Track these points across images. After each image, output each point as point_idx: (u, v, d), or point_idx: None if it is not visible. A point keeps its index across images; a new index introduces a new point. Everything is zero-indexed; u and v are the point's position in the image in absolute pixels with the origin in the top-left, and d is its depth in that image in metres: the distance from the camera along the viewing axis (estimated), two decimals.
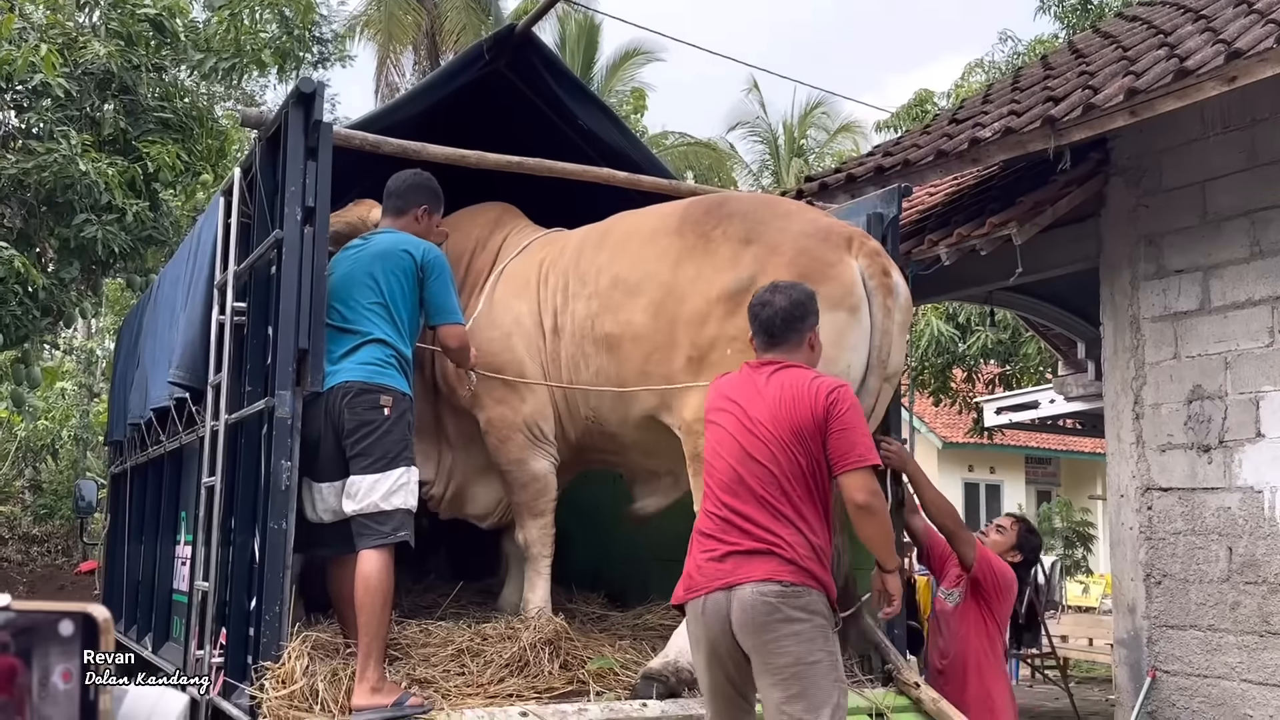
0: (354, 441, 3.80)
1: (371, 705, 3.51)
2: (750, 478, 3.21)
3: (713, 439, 3.36)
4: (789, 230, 4.14)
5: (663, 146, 24.39)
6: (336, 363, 3.87)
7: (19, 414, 17.38)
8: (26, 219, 7.32)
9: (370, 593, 3.66)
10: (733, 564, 3.15)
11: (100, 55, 7.29)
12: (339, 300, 3.97)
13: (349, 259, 4.07)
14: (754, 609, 3.09)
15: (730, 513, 3.21)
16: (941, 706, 4.22)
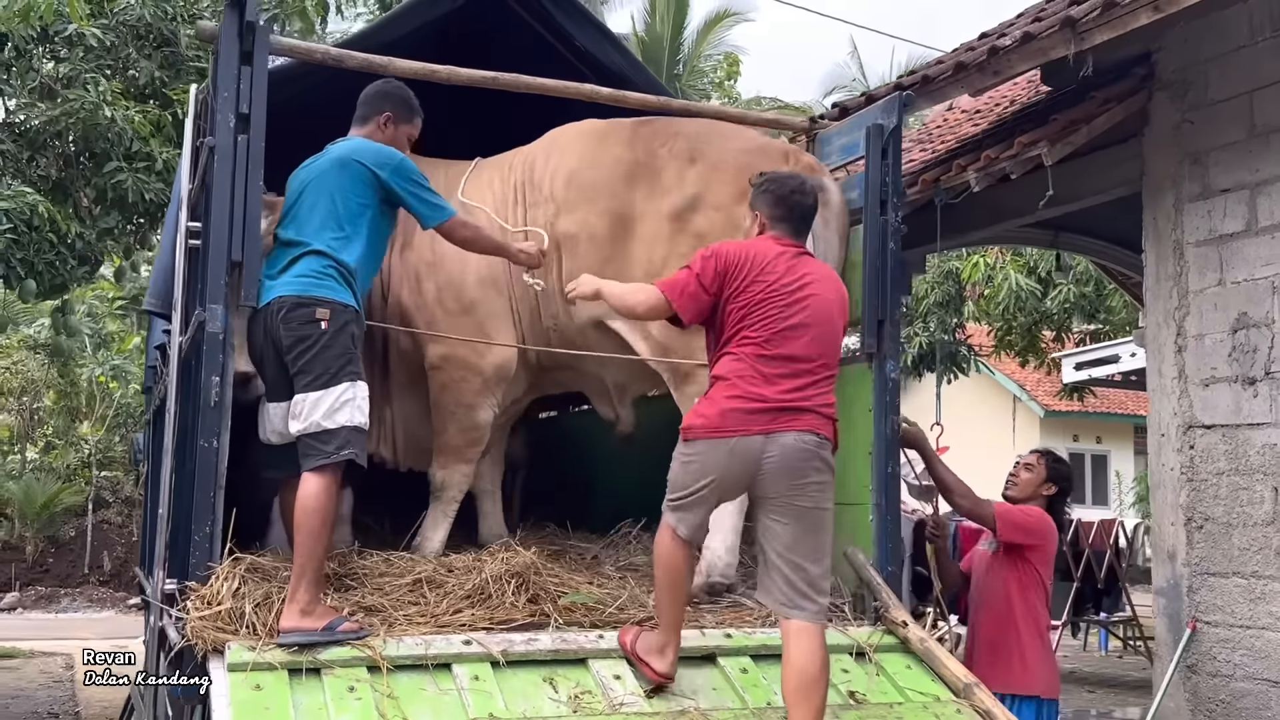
0: (294, 359, 3.63)
1: (299, 628, 3.38)
2: (793, 341, 3.46)
3: (755, 305, 3.49)
4: (729, 148, 4.41)
5: (756, 111, 24.00)
6: (275, 278, 3.71)
7: (116, 380, 18.02)
8: (63, 168, 7.42)
9: (308, 514, 3.50)
10: (774, 414, 3.40)
11: (134, 5, 7.33)
12: (288, 215, 3.83)
13: (301, 173, 3.92)
14: (793, 455, 3.40)
15: (771, 368, 3.44)
16: (929, 647, 3.97)
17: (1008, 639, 4.47)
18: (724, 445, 3.41)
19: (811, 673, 3.34)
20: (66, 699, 9.81)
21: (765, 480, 3.41)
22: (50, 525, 17.78)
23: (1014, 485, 4.65)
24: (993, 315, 12.82)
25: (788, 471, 3.41)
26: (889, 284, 4.34)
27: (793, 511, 3.43)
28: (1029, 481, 4.62)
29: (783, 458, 3.40)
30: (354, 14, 9.32)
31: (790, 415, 3.43)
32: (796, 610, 3.41)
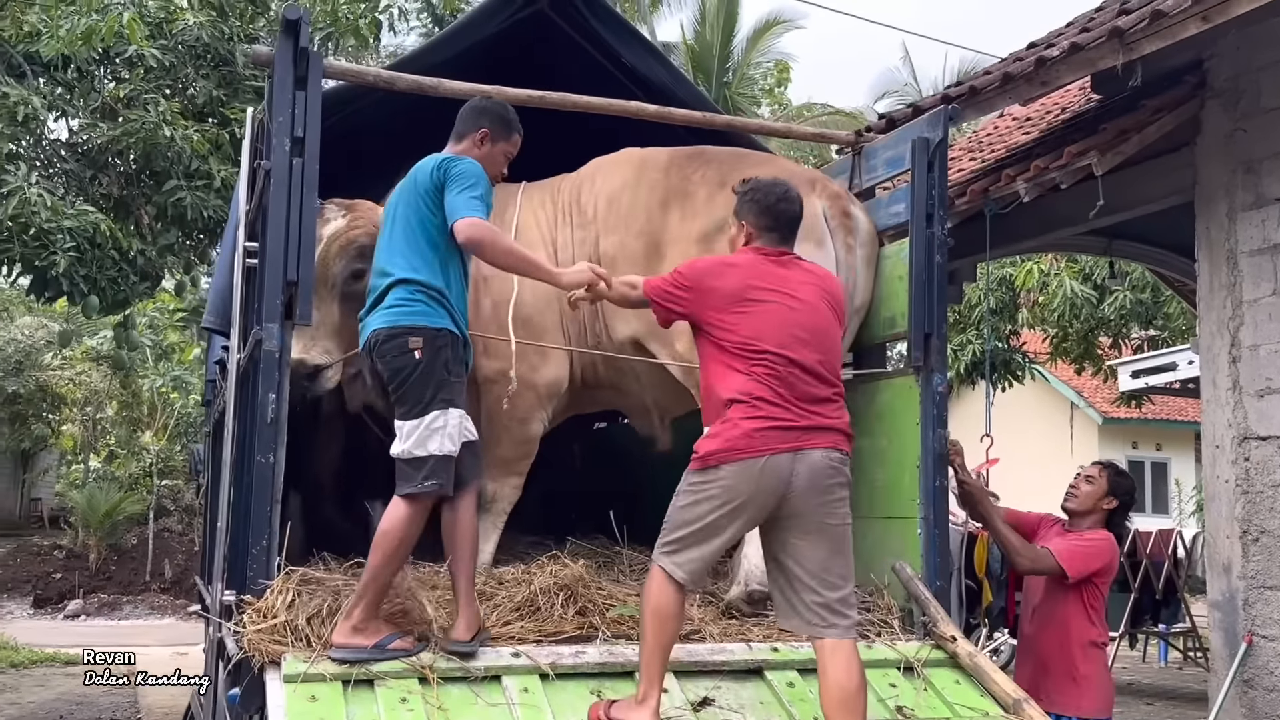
0: (393, 390, 3.64)
1: (349, 644, 3.45)
2: (805, 356, 3.45)
3: (757, 320, 3.47)
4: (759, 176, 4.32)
5: (805, 118, 23.93)
6: (370, 311, 3.70)
7: (177, 390, 18.37)
8: (125, 187, 7.61)
9: (387, 536, 3.52)
10: (799, 432, 3.39)
11: (193, 26, 7.50)
12: (381, 243, 3.80)
13: (391, 197, 3.86)
14: (821, 473, 3.39)
15: (786, 387, 3.41)
16: (978, 662, 3.96)
17: (1065, 657, 4.41)
18: (754, 466, 3.35)
19: (852, 688, 3.33)
20: (128, 705, 10.02)
21: (794, 500, 3.38)
22: (113, 533, 18.15)
23: (1074, 497, 4.57)
24: (1048, 322, 12.70)
25: (817, 490, 3.40)
26: (935, 297, 4.35)
27: (822, 530, 3.42)
28: (1089, 494, 4.55)
29: (811, 476, 3.38)
30: (406, 28, 9.48)
31: (816, 433, 3.42)
32: (832, 629, 3.39)
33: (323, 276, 4.28)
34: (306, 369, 4.17)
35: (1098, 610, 4.47)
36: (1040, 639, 4.50)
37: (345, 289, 4.37)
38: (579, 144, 5.12)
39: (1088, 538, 4.46)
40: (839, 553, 3.45)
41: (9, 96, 6.66)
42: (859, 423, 4.65)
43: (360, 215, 4.45)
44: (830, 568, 3.42)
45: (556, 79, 4.99)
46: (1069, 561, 4.34)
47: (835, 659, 3.36)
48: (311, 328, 4.13)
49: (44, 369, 19.69)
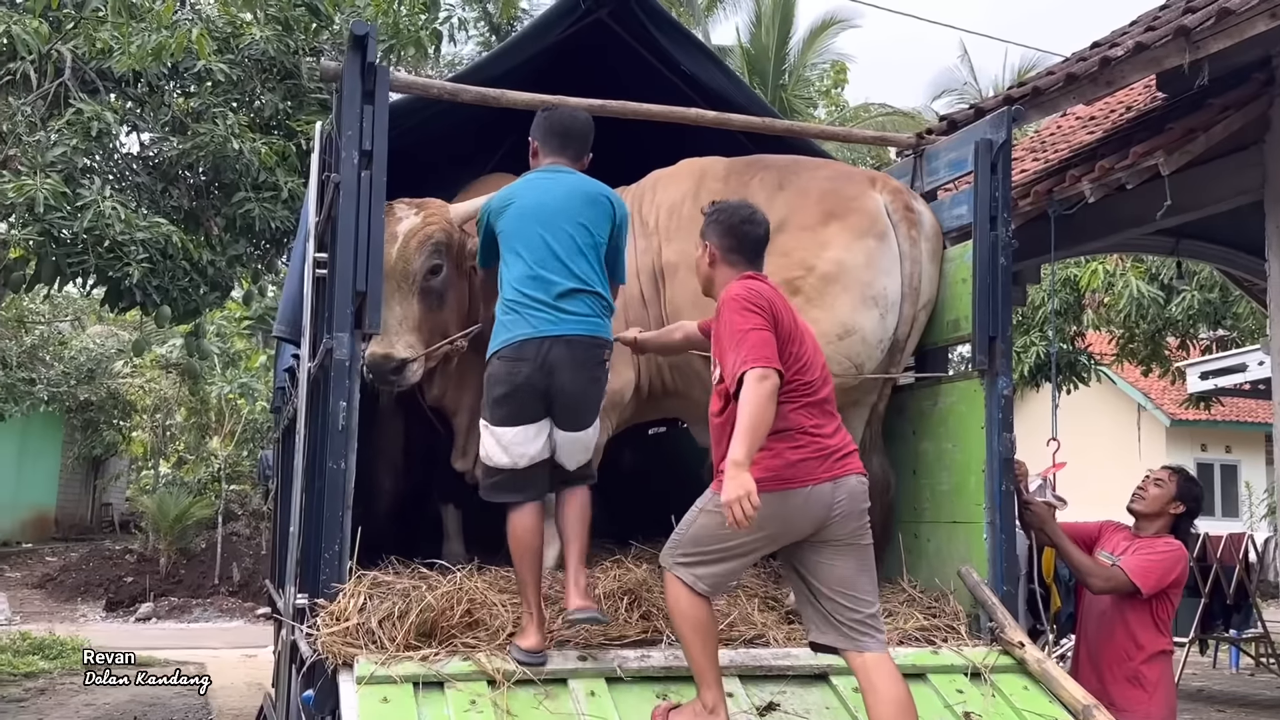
0: (578, 396, 3.74)
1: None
2: (823, 382, 3.53)
3: (804, 350, 3.50)
4: (816, 177, 4.60)
5: (863, 119, 23.80)
6: (554, 307, 3.70)
7: (243, 397, 18.70)
8: (195, 199, 7.78)
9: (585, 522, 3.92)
10: (836, 459, 3.43)
11: (259, 40, 7.65)
12: (549, 231, 3.78)
13: (545, 192, 3.86)
14: (858, 498, 3.45)
15: (822, 416, 3.48)
16: (1047, 668, 3.92)
17: (1131, 665, 4.37)
18: (798, 496, 3.37)
19: (904, 698, 3.34)
20: (199, 707, 10.22)
21: (834, 525, 3.41)
22: (182, 538, 18.50)
23: (1141, 499, 4.56)
24: (1114, 323, 12.52)
25: (855, 514, 3.45)
26: (1000, 300, 4.32)
27: (855, 551, 3.47)
28: (1157, 498, 4.52)
29: (850, 501, 3.43)
30: (464, 38, 9.61)
31: (847, 458, 3.48)
32: (870, 640, 3.42)
33: (404, 272, 4.32)
34: (393, 363, 4.22)
35: (1166, 620, 4.44)
36: (1106, 646, 4.46)
37: (424, 284, 4.39)
38: (639, 151, 5.16)
39: (1160, 550, 4.41)
40: (868, 569, 3.51)
41: (83, 112, 6.84)
42: (922, 426, 4.67)
43: (434, 212, 4.48)
44: (861, 584, 3.47)
45: (616, 87, 5.03)
46: (1143, 578, 4.33)
47: (881, 671, 3.38)
48: (395, 322, 4.24)
49: (115, 377, 20.15)
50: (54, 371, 17.61)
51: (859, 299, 4.33)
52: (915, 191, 4.97)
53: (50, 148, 6.68)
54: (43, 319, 17.31)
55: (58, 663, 11.84)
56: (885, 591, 4.54)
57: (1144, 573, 4.34)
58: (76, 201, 6.47)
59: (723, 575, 3.47)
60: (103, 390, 20.20)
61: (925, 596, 4.37)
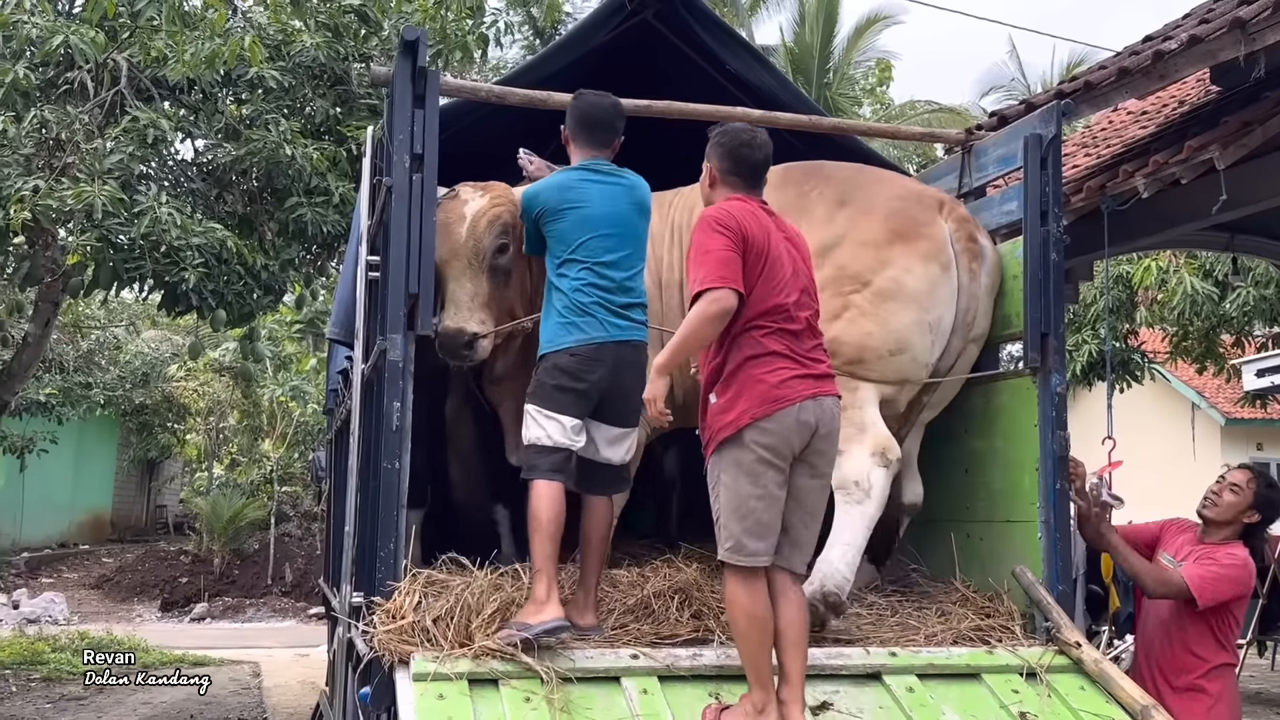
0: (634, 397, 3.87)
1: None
2: (804, 308, 3.55)
3: (771, 271, 3.51)
4: (881, 194, 4.49)
5: (908, 116, 23.63)
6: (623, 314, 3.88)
7: (295, 399, 18.92)
8: (249, 204, 7.89)
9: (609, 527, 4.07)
10: (815, 379, 3.49)
11: (310, 47, 7.75)
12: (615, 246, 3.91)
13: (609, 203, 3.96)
14: (833, 418, 3.53)
15: (798, 340, 3.51)
16: (1104, 668, 3.88)
17: (1189, 676, 4.28)
18: (788, 415, 3.42)
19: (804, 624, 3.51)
20: (254, 705, 10.36)
21: (816, 443, 3.49)
22: (236, 539, 18.77)
23: (1214, 505, 4.37)
24: (1167, 320, 12.34)
25: (830, 436, 3.54)
26: (1052, 297, 4.28)
27: (819, 477, 3.58)
28: (1232, 505, 4.34)
29: (830, 421, 3.52)
30: (509, 41, 9.67)
31: (825, 379, 3.55)
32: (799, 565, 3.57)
33: (474, 250, 4.36)
34: (465, 337, 4.27)
35: (1228, 634, 4.30)
36: (1165, 655, 4.34)
37: (493, 262, 4.42)
38: (685, 152, 5.15)
39: (1223, 563, 4.26)
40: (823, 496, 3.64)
41: (139, 120, 6.95)
42: (974, 424, 4.64)
43: (499, 194, 4.51)
44: (816, 510, 3.59)
45: (663, 87, 5.05)
46: (1200, 589, 4.19)
47: (793, 598, 3.52)
48: (467, 298, 4.31)
49: (169, 380, 20.48)
50: (110, 376, 17.93)
51: (915, 320, 4.31)
52: (962, 191, 4.96)
53: (107, 155, 6.80)
54: (98, 324, 17.62)
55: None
56: (938, 590, 4.53)
57: (1202, 584, 4.20)
58: (133, 208, 6.58)
59: (766, 527, 3.43)
60: (157, 394, 20.56)
61: (979, 596, 4.34)
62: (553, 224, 3.93)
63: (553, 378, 3.83)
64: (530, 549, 3.74)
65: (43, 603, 15.95)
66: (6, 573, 17.30)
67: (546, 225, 3.95)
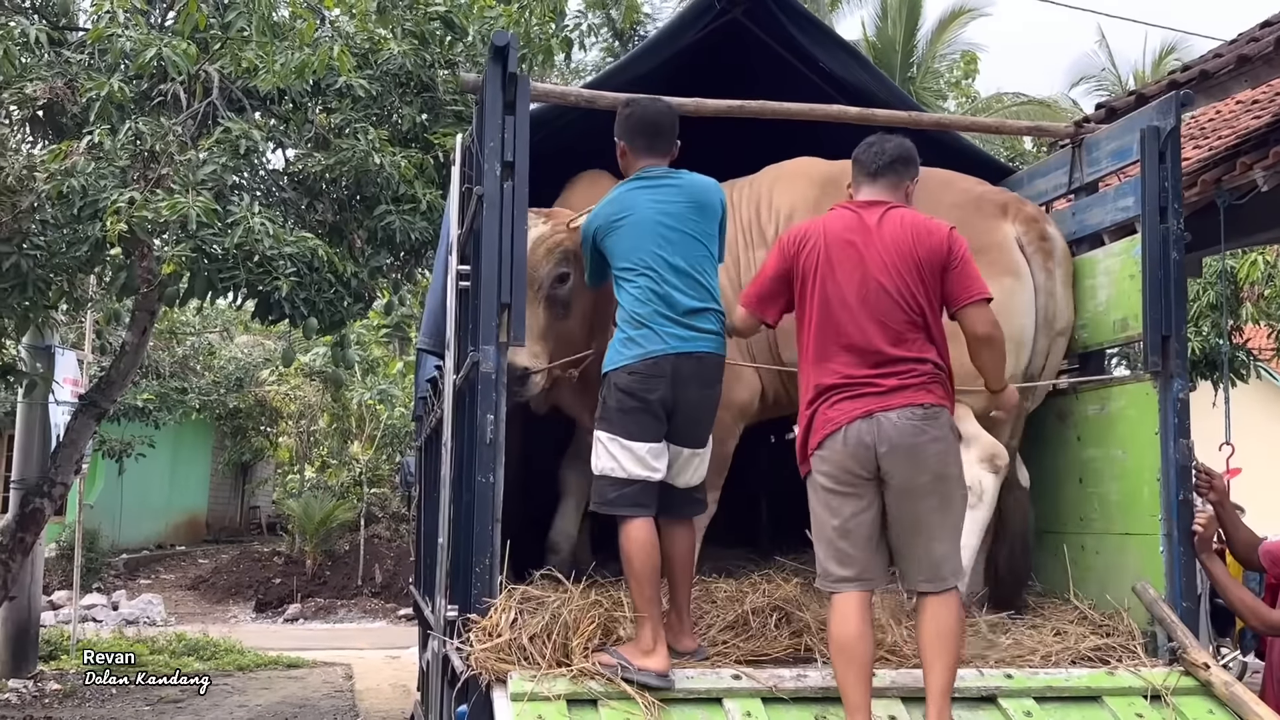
0: (697, 413, 3.70)
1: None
2: (881, 313, 3.39)
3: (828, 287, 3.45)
4: (943, 201, 4.27)
5: (995, 109, 23.12)
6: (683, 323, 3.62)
7: (383, 403, 19.14)
8: (338, 212, 7.93)
9: (690, 555, 3.84)
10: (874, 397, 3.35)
11: (396, 55, 7.76)
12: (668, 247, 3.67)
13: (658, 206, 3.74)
14: (905, 433, 3.32)
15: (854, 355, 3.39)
16: (1235, 691, 3.67)
17: None
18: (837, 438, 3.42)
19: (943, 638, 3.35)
20: (348, 709, 10.45)
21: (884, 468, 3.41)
22: (327, 540, 19.04)
23: None
24: (1274, 317, 11.85)
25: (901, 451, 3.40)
26: (1173, 296, 4.08)
27: (904, 494, 3.44)
28: None
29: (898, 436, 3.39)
30: (590, 43, 9.62)
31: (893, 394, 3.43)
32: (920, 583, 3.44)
33: (533, 280, 4.23)
34: (515, 371, 4.08)
35: None
36: None
37: (550, 292, 4.33)
38: (775, 153, 5.03)
39: None
40: (936, 509, 3.43)
41: (231, 130, 7.01)
42: (1088, 432, 4.43)
43: (560, 221, 4.41)
44: (932, 520, 3.43)
45: (755, 86, 4.92)
46: None
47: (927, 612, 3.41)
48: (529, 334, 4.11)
49: (261, 385, 20.86)
50: (204, 381, 18.29)
51: None
52: (1073, 187, 4.77)
53: (200, 166, 6.86)
54: (193, 330, 17.99)
55: (212, 664, 12.28)
56: (1051, 607, 4.34)
57: None
58: (227, 218, 6.63)
59: (845, 555, 3.37)
60: (250, 398, 20.95)
61: (1097, 613, 4.14)
62: (607, 240, 3.76)
63: (615, 399, 3.63)
64: (630, 593, 3.61)
65: (141, 604, 16.34)
66: (106, 574, 17.74)
67: (603, 244, 3.79)
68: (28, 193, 6.75)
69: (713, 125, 4.76)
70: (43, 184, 6.69)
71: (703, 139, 5.10)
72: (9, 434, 13.90)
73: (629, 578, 3.58)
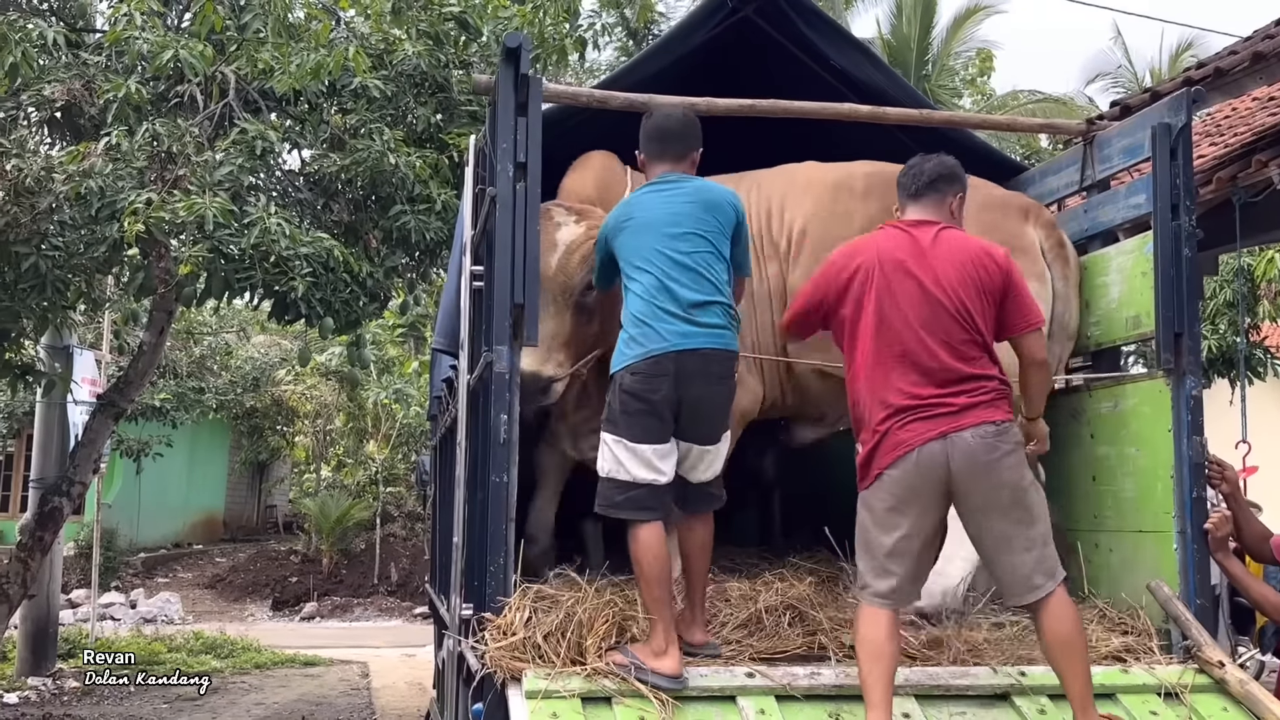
0: (703, 409, 3.62)
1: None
2: (944, 331, 3.38)
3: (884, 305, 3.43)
4: (970, 204, 4.19)
5: (1011, 107, 23.06)
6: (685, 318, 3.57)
7: (398, 402, 19.21)
8: (354, 213, 7.96)
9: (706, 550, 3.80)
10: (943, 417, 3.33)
11: (411, 56, 7.79)
12: (672, 243, 3.64)
13: (663, 204, 3.72)
14: (977, 452, 3.31)
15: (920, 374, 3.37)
16: (1250, 689, 3.66)
17: None
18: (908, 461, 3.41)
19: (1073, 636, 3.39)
20: (363, 706, 10.51)
21: (960, 483, 3.41)
22: (343, 539, 19.13)
23: None
24: None
25: (976, 471, 3.40)
26: (1185, 294, 4.07)
27: (983, 512, 3.46)
28: None
29: (973, 455, 3.39)
30: (605, 43, 9.63)
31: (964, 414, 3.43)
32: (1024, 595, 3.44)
33: (564, 285, 4.22)
34: (541, 382, 4.09)
35: None
36: None
37: (580, 299, 4.27)
38: (787, 152, 5.03)
39: None
40: (1019, 522, 3.42)
41: (247, 131, 7.05)
42: (1101, 430, 4.43)
43: (596, 223, 4.29)
44: (1014, 534, 3.41)
45: (767, 85, 4.93)
46: None
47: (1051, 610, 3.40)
48: (548, 337, 4.10)
49: (278, 384, 20.96)
50: (221, 380, 18.38)
51: None
52: (1085, 185, 4.79)
53: (217, 167, 6.90)
54: (210, 330, 18.09)
55: (229, 662, 12.35)
56: None
57: None
58: (243, 219, 6.67)
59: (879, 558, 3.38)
60: (267, 398, 21.06)
61: (1112, 611, 4.14)
62: (615, 241, 3.76)
63: (619, 400, 3.60)
64: (641, 594, 3.61)
65: (158, 602, 16.45)
66: (124, 573, 17.85)
67: (613, 245, 3.78)
68: (46, 194, 6.80)
69: (725, 124, 4.77)
70: (61, 185, 6.74)
71: (715, 138, 5.13)
72: (28, 433, 14.03)
73: (639, 581, 3.58)
